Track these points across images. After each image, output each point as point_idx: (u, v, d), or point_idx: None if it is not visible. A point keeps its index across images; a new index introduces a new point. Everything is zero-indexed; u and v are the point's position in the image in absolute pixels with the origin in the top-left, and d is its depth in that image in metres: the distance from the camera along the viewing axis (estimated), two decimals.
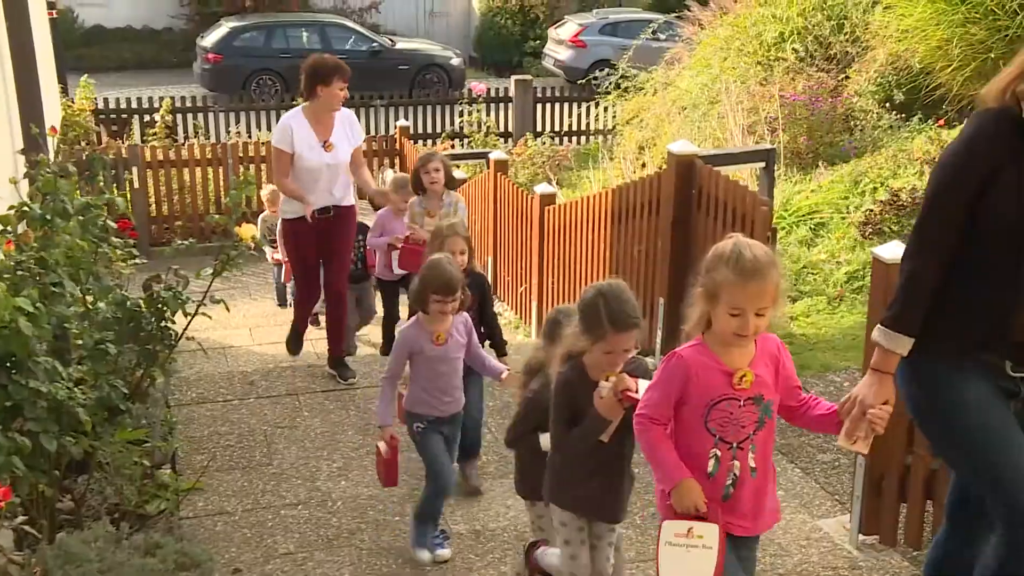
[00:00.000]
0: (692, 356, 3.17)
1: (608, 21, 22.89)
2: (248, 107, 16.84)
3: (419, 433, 4.70)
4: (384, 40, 22.86)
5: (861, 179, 8.90)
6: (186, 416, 6.10)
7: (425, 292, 4.54)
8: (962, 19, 10.10)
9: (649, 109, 13.29)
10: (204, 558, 4.10)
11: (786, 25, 12.16)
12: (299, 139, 6.30)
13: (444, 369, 4.67)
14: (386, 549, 4.80)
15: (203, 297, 5.08)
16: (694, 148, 6.65)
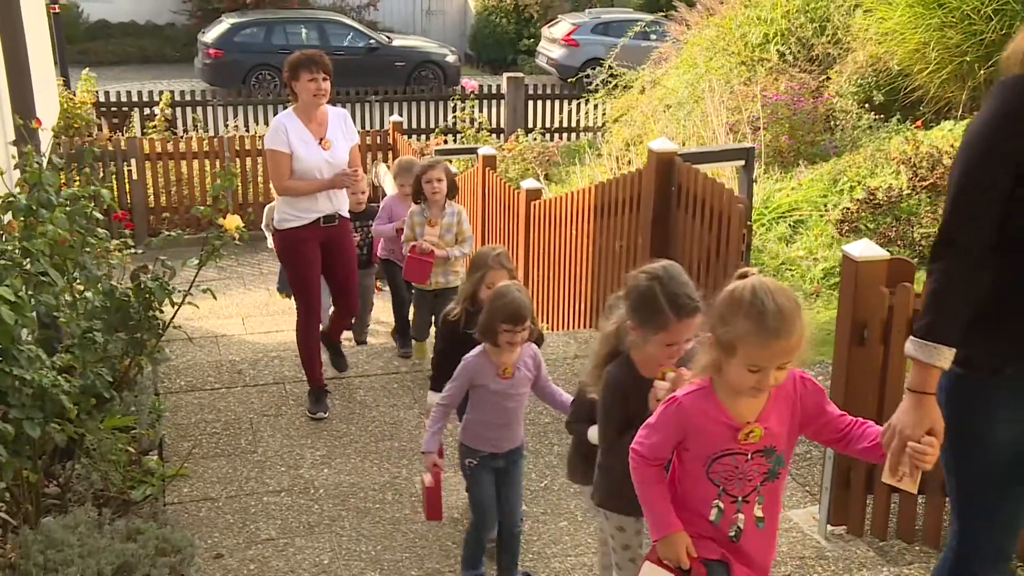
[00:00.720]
0: (693, 406, 2.82)
1: (600, 20, 22.84)
2: (246, 101, 16.77)
3: (470, 469, 4.30)
4: (381, 37, 22.79)
5: (840, 178, 8.85)
6: (174, 404, 6.05)
7: (493, 322, 4.08)
8: (939, 23, 10.07)
9: (636, 107, 13.26)
10: (184, 544, 4.08)
11: (770, 27, 12.12)
12: (294, 137, 5.74)
13: (508, 404, 4.24)
14: (366, 536, 4.76)
15: (190, 287, 5.05)
16: (674, 146, 6.61)
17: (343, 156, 5.93)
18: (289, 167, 5.75)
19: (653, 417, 2.93)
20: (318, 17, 23.10)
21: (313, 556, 4.59)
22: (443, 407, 4.29)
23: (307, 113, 5.80)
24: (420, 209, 6.35)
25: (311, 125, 5.80)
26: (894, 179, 8.29)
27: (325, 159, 5.81)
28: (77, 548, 3.82)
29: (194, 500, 5.04)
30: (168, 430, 5.65)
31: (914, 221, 7.61)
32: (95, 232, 4.83)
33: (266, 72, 20.86)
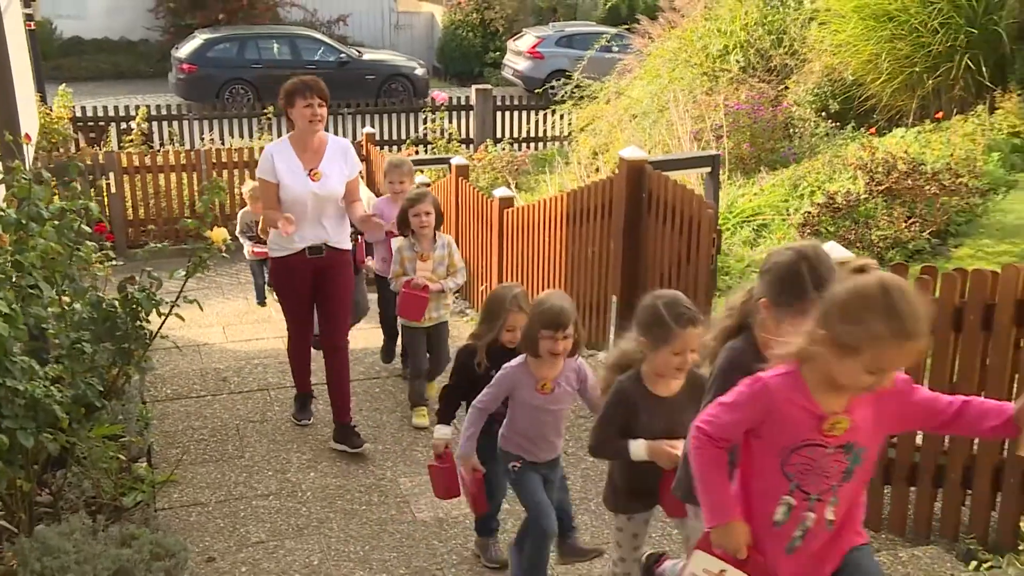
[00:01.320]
0: (780, 389, 2.60)
1: (564, 34, 22.90)
2: (221, 115, 16.66)
3: (515, 473, 4.10)
4: (352, 51, 22.73)
5: (800, 183, 8.95)
6: (161, 412, 6.01)
7: (533, 328, 3.87)
8: (889, 35, 10.24)
9: (602, 117, 13.32)
10: (178, 548, 4.04)
11: (730, 39, 12.24)
12: (281, 167, 5.38)
13: (545, 419, 4.03)
14: (354, 536, 4.75)
15: (176, 297, 5.02)
16: (644, 154, 6.64)
17: (335, 189, 5.49)
18: (275, 196, 5.42)
19: (729, 395, 2.71)
20: (290, 32, 23.00)
21: (303, 557, 4.57)
22: (479, 410, 4.10)
23: (302, 141, 5.44)
24: (409, 244, 5.90)
25: (304, 155, 5.43)
26: (852, 184, 8.38)
27: (312, 191, 5.39)
28: (73, 555, 3.78)
29: (184, 505, 5.01)
30: (156, 437, 5.60)
31: (872, 224, 7.70)
32: (84, 245, 4.78)
33: (239, 86, 20.78)
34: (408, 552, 4.63)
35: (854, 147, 9.49)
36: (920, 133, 9.68)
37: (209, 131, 15.84)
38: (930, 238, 7.59)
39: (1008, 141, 9.17)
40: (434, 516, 4.93)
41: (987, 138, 9.13)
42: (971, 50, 9.91)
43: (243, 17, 24.43)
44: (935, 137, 9.40)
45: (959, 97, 10.07)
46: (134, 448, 5.23)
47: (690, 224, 5.77)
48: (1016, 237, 7.77)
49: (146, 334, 5.01)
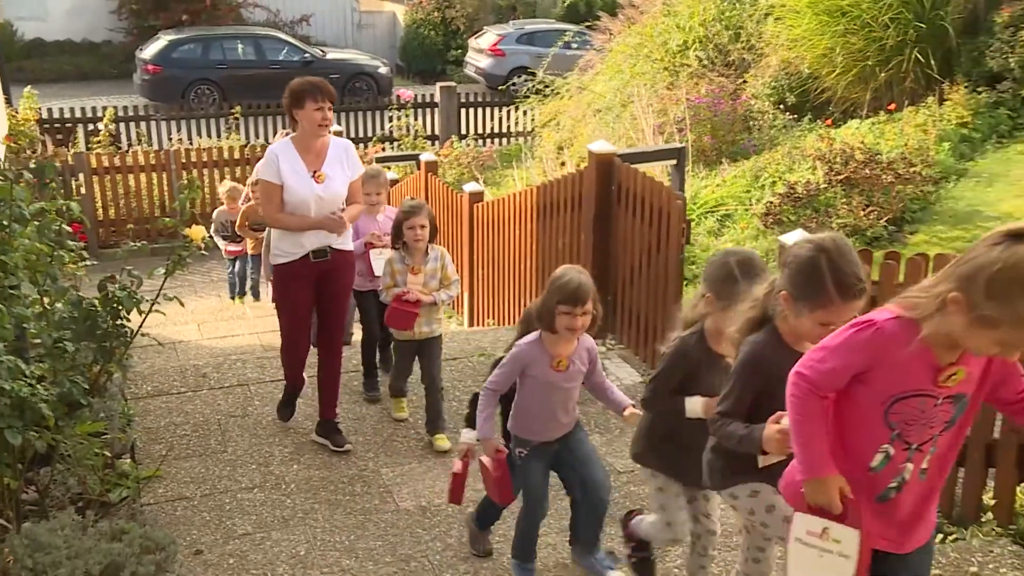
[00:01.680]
0: (895, 334, 2.39)
1: (524, 31, 22.91)
2: (189, 116, 16.53)
3: (521, 459, 4.03)
4: (315, 51, 22.60)
5: (761, 174, 9.03)
6: (142, 408, 5.95)
7: (550, 303, 3.71)
8: (843, 30, 10.35)
9: (565, 112, 13.35)
10: (167, 541, 4.02)
11: (689, 34, 12.31)
12: (286, 168, 5.15)
13: (556, 397, 3.93)
14: (339, 527, 4.74)
15: (156, 295, 4.98)
16: (612, 147, 6.68)
17: (339, 190, 5.30)
18: (280, 199, 5.19)
19: (834, 338, 2.49)
20: (254, 33, 22.81)
21: (289, 548, 4.55)
22: (491, 392, 3.96)
23: (305, 143, 5.21)
24: (400, 256, 5.60)
25: (307, 156, 5.21)
26: (811, 174, 8.47)
27: (317, 193, 5.20)
28: (64, 550, 3.75)
29: (169, 500, 4.97)
30: (139, 434, 5.55)
31: (832, 212, 7.80)
32: (65, 245, 4.73)
33: (205, 87, 20.61)
34: (393, 540, 4.62)
35: (812, 138, 9.59)
36: (874, 124, 9.81)
37: (177, 131, 15.70)
38: (887, 225, 7.70)
39: (957, 131, 9.33)
40: (417, 505, 4.93)
41: (938, 128, 9.27)
42: (920, 44, 10.04)
43: (206, 18, 24.19)
44: (889, 128, 9.52)
45: (910, 89, 10.20)
46: (117, 445, 5.18)
47: (659, 215, 5.81)
48: (967, 223, 7.91)
49: (127, 332, 4.97)
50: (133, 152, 12.60)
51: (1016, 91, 9.62)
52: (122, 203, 12.12)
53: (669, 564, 4.31)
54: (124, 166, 12.07)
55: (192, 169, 12.14)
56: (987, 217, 8.00)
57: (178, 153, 12.35)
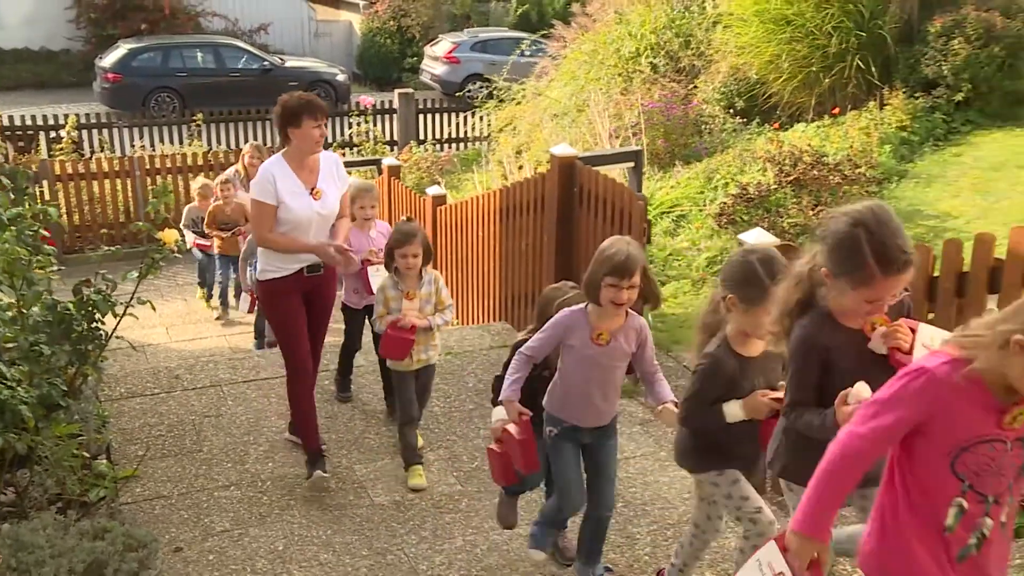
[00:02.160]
0: (949, 378, 2.16)
1: (478, 39, 22.93)
2: (151, 123, 16.33)
3: (551, 439, 3.78)
4: (274, 59, 22.44)
5: (713, 176, 9.12)
6: (117, 410, 5.88)
7: (597, 275, 3.45)
8: (788, 38, 10.47)
9: (521, 117, 13.38)
10: (149, 539, 3.99)
11: (641, 42, 12.39)
12: (283, 187, 4.84)
13: (595, 375, 3.64)
14: (316, 522, 4.72)
15: (130, 299, 4.93)
16: (574, 151, 6.72)
17: (334, 206, 5.07)
18: (273, 219, 4.87)
19: (885, 391, 2.26)
20: (213, 41, 22.58)
21: (268, 544, 4.53)
22: (525, 356, 3.71)
23: (299, 160, 4.91)
24: (393, 282, 5.14)
25: (302, 173, 4.92)
26: (762, 175, 8.58)
27: (316, 210, 4.94)
28: (48, 549, 3.71)
29: (147, 499, 4.92)
30: (114, 435, 5.48)
31: (783, 212, 7.90)
32: (42, 249, 4.67)
33: (165, 94, 20.42)
34: (369, 534, 4.62)
35: (761, 141, 9.71)
36: (820, 127, 9.95)
37: (139, 138, 15.48)
38: None
39: (897, 135, 9.49)
40: (391, 500, 4.93)
41: (879, 132, 9.42)
42: (861, 52, 10.19)
43: (165, 27, 23.92)
44: (833, 131, 9.66)
45: (852, 94, 10.35)
46: (94, 446, 5.12)
47: (621, 215, 5.86)
48: (909, 222, 8.05)
49: (102, 335, 4.92)
50: (97, 159, 12.40)
51: (950, 97, 9.81)
52: (87, 209, 11.95)
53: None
54: (88, 173, 11.91)
55: (156, 175, 11.99)
56: (927, 216, 8.16)
57: (142, 159, 12.19)
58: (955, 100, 9.82)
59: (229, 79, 21.02)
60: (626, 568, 4.27)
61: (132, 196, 11.92)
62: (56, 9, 24.54)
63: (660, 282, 7.60)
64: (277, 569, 4.32)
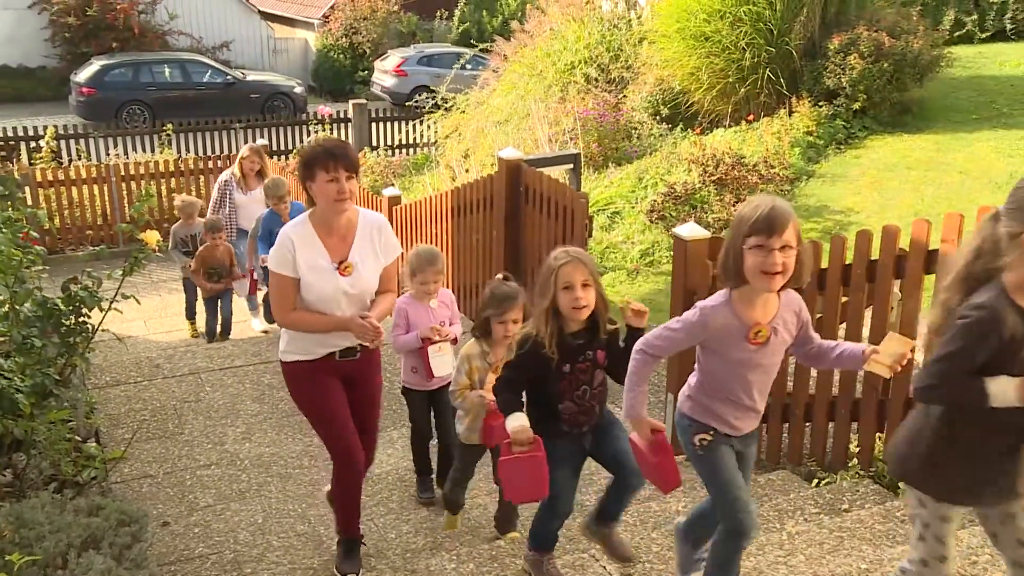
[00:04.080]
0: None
1: (424, 54, 22.81)
2: (124, 133, 15.96)
3: (703, 448, 2.80)
4: (237, 73, 22.09)
5: (644, 176, 9.17)
6: (103, 397, 5.77)
7: (736, 242, 2.53)
8: (707, 52, 10.58)
9: (466, 124, 13.34)
10: (140, 515, 3.91)
11: (575, 55, 12.42)
12: (303, 259, 3.62)
13: (751, 376, 2.71)
14: (292, 497, 4.68)
15: (115, 294, 4.83)
16: (519, 154, 6.72)
17: (370, 283, 3.75)
18: (294, 293, 3.67)
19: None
20: (180, 58, 22.16)
21: (248, 517, 4.48)
22: (648, 357, 2.76)
23: (326, 223, 3.67)
24: (482, 351, 3.86)
25: (330, 240, 3.68)
26: (687, 175, 8.66)
27: (344, 289, 3.67)
28: (47, 525, 3.62)
29: (135, 478, 4.84)
30: (102, 420, 5.38)
31: (707, 208, 7.99)
32: (33, 250, 4.56)
33: (136, 107, 20.07)
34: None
35: (686, 145, 9.80)
36: (737, 132, 10.08)
37: (114, 147, 15.12)
38: None
39: (805, 139, 9.65)
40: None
41: (790, 136, 9.58)
42: (771, 65, 10.33)
43: (135, 45, 23.42)
44: (749, 136, 9.80)
45: (765, 103, 10.50)
46: (83, 430, 5.02)
47: (565, 212, 5.88)
48: (818, 216, 8.20)
49: (89, 328, 4.82)
50: (75, 167, 12.09)
51: (848, 106, 10.01)
52: (66, 213, 11.66)
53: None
54: (68, 180, 11.62)
55: (131, 181, 11.75)
56: (834, 211, 8.31)
57: (117, 167, 11.92)
58: (853, 108, 10.02)
59: (195, 92, 20.70)
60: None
61: (109, 200, 11.66)
62: (33, 29, 23.94)
63: (599, 272, 7.64)
64: (257, 540, 4.28)
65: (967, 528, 3.41)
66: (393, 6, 26.10)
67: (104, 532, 3.70)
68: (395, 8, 26.17)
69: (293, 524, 4.43)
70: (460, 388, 3.89)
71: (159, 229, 9.66)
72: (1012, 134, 9.42)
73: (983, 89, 11.10)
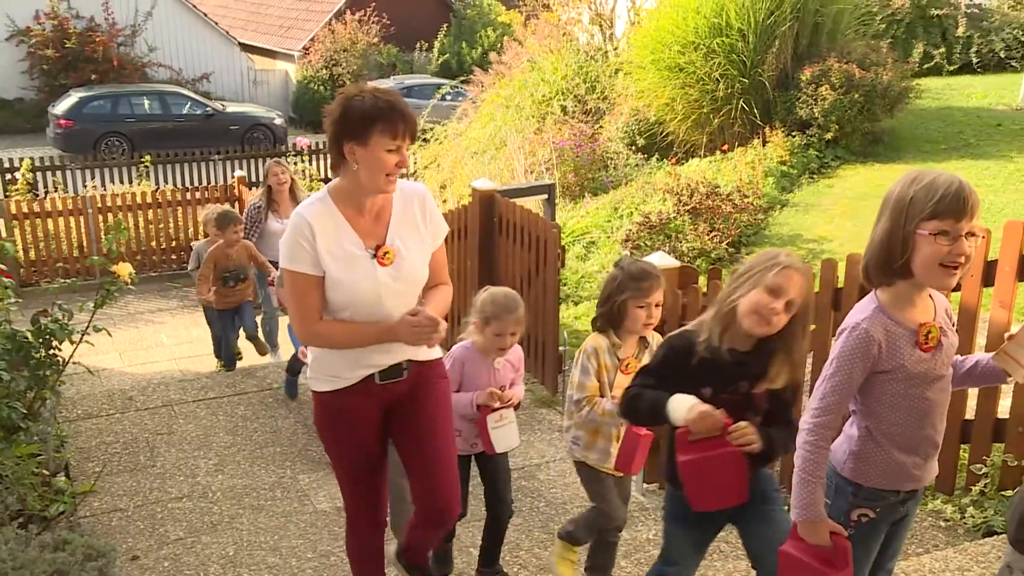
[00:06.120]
0: None
1: (404, 85, 22.90)
2: (102, 164, 15.91)
3: (860, 528, 2.26)
4: (216, 105, 22.12)
5: (619, 206, 9.24)
6: (74, 430, 5.71)
7: (909, 221, 2.04)
8: (681, 83, 10.73)
9: (444, 155, 13.42)
10: (107, 549, 3.87)
11: (552, 86, 12.55)
12: (326, 247, 2.74)
13: (935, 396, 2.18)
14: (264, 528, 4.64)
15: (87, 326, 4.81)
16: (493, 184, 6.76)
17: (418, 273, 2.87)
18: (318, 297, 2.79)
19: None
20: (159, 89, 22.17)
21: (219, 550, 4.44)
22: (822, 440, 2.18)
23: (357, 200, 2.79)
24: (609, 346, 3.20)
25: (360, 221, 2.80)
26: (662, 205, 8.73)
27: (385, 282, 2.79)
28: (10, 561, 3.58)
29: (105, 512, 4.78)
30: (72, 453, 5.33)
31: (681, 237, 8.05)
32: (2, 282, 4.54)
33: (114, 139, 20.03)
34: (313, 539, 4.55)
35: (661, 174, 9.89)
36: (712, 162, 10.18)
37: (91, 179, 15.08)
38: (727, 248, 7.99)
39: (778, 168, 9.77)
40: (333, 506, 4.86)
41: (763, 166, 9.69)
42: (745, 95, 10.49)
43: (114, 77, 23.41)
44: (724, 165, 9.90)
45: (739, 133, 10.64)
46: (53, 464, 4.97)
47: (538, 242, 5.91)
48: (791, 244, 8.28)
49: (59, 361, 4.79)
50: (51, 198, 12.03)
51: (821, 135, 10.17)
52: (42, 245, 11.59)
53: None
54: (43, 211, 11.55)
55: (108, 212, 11.70)
56: (807, 239, 8.40)
57: (93, 198, 11.86)
58: (825, 138, 10.17)
59: (174, 124, 20.69)
60: (548, 561, 4.29)
61: (85, 232, 11.60)
62: (10, 61, 23.87)
63: (574, 302, 7.67)
64: (228, 573, 4.23)
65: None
66: (373, 38, 26.27)
67: (70, 567, 3.66)
68: (375, 40, 26.35)
69: (264, 557, 4.38)
70: (589, 395, 3.11)
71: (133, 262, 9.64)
72: (979, 164, 9.58)
73: (951, 120, 11.29)
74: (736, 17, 10.42)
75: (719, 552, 4.01)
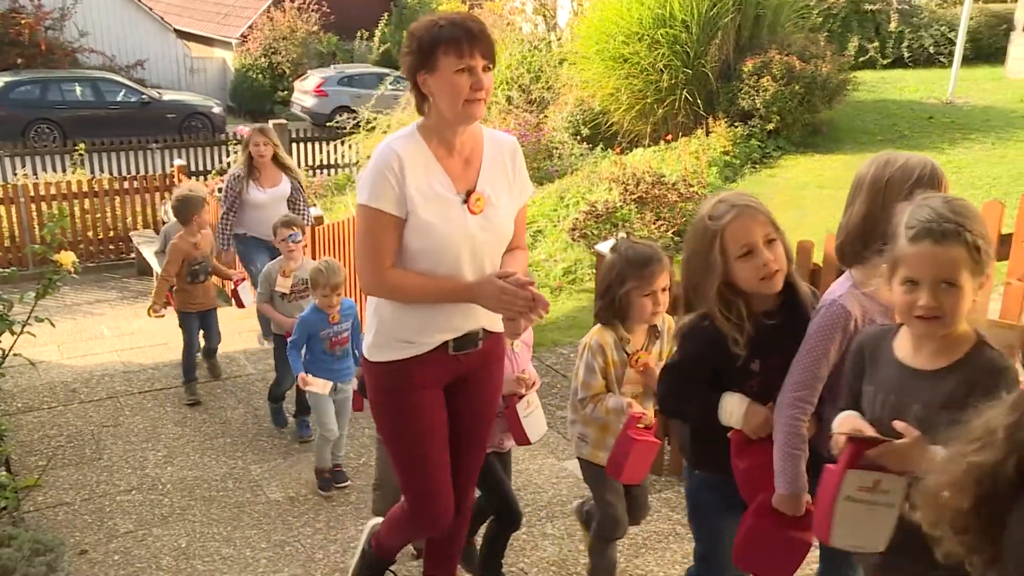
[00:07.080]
0: None
1: (345, 74, 22.69)
2: (32, 152, 15.46)
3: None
4: (153, 92, 21.63)
5: (565, 195, 9.28)
6: (15, 424, 5.56)
7: (887, 199, 2.12)
8: (626, 74, 10.81)
9: None
10: (56, 543, 3.79)
11: (496, 76, 12.52)
12: (414, 186, 2.47)
13: None
14: (216, 520, 4.58)
15: (27, 317, 4.67)
16: None
17: (506, 226, 2.63)
18: (395, 241, 2.50)
19: None
20: (92, 75, 21.58)
21: (171, 542, 4.37)
22: (800, 402, 2.25)
23: (446, 136, 2.54)
24: (615, 340, 2.99)
25: (451, 162, 2.55)
26: (608, 194, 8.79)
27: (473, 232, 2.54)
28: None
29: (50, 506, 4.67)
30: (13, 447, 5.18)
31: (628, 226, 8.11)
32: None
33: (44, 126, 19.45)
34: (267, 528, 4.51)
35: (606, 164, 9.95)
36: (656, 152, 10.28)
37: (21, 167, 14.65)
38: (674, 236, 8.08)
39: (721, 158, 9.91)
40: (286, 496, 4.82)
41: (707, 156, 9.82)
42: (688, 86, 10.61)
43: (42, 62, 22.71)
44: (668, 155, 10.01)
45: (682, 123, 10.76)
46: None
47: None
48: None
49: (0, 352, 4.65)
50: None
51: (763, 126, 10.33)
52: None
53: None
54: None
55: (41, 202, 11.37)
56: None
57: (25, 187, 11.51)
58: (767, 129, 10.34)
59: (108, 111, 20.17)
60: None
61: (17, 222, 11.26)
62: None
63: None
64: (181, 565, 4.17)
65: None
66: (312, 26, 25.92)
67: (17, 563, 3.57)
68: (315, 28, 26.00)
69: (218, 548, 4.33)
70: (594, 393, 2.93)
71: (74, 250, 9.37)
72: None
73: (886, 112, 11.58)
74: (680, 8, 10.53)
75: (675, 535, 4.07)
